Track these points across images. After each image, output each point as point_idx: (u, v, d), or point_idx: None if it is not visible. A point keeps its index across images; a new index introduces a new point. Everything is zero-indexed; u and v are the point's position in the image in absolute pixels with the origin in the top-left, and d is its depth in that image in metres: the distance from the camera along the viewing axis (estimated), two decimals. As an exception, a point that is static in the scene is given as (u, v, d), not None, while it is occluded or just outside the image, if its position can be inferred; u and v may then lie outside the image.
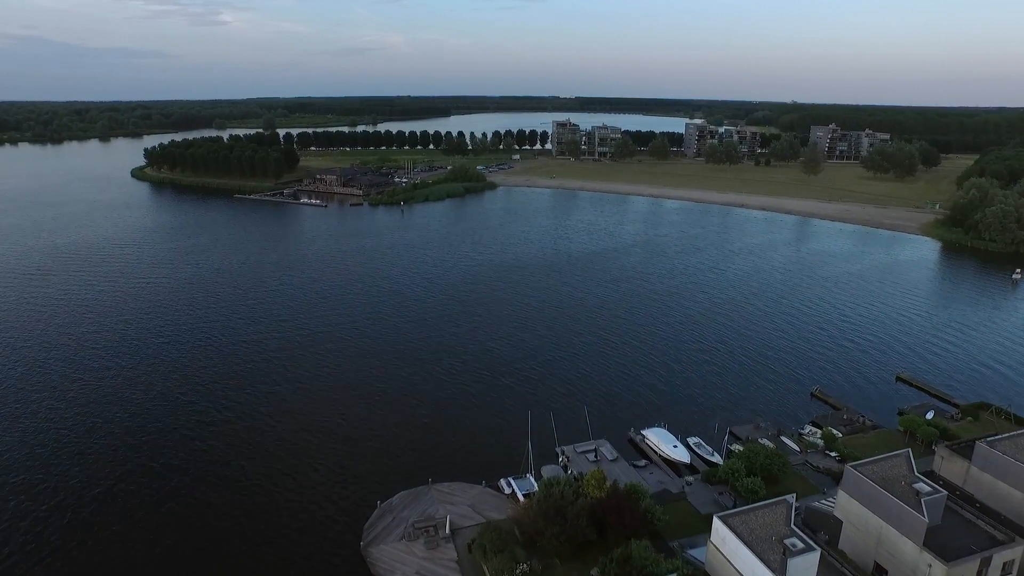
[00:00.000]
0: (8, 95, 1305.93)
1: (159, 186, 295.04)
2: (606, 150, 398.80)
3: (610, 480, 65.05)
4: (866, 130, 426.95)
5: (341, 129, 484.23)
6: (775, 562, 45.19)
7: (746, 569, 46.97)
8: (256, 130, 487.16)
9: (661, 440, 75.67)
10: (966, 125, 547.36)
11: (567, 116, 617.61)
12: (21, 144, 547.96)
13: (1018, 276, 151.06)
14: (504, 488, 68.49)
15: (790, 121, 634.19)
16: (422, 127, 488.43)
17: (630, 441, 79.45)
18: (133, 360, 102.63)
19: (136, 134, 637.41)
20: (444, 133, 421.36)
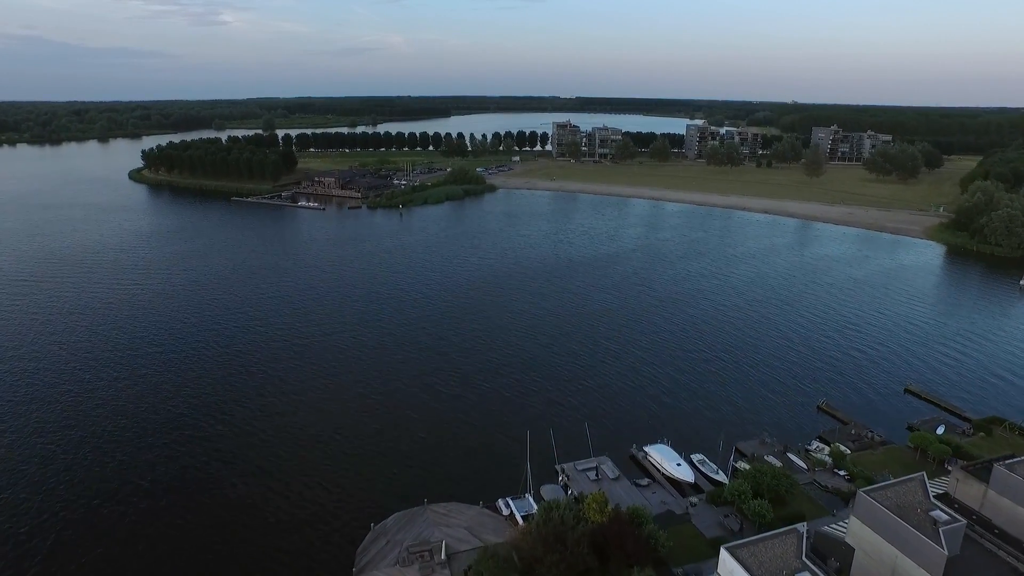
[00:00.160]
0: (8, 95, 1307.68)
1: (156, 188, 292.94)
2: (607, 151, 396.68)
3: (612, 502, 62.76)
4: (868, 131, 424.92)
5: (340, 130, 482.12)
6: (786, 598, 42.86)
7: (755, 604, 44.57)
8: (255, 131, 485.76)
9: (664, 458, 73.37)
10: (968, 126, 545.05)
11: (567, 117, 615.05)
12: (19, 145, 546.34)
13: None
14: (502, 509, 66.20)
15: (791, 122, 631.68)
16: (422, 128, 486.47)
17: (632, 458, 77.17)
18: (125, 371, 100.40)
19: (135, 135, 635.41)
20: (444, 134, 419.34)
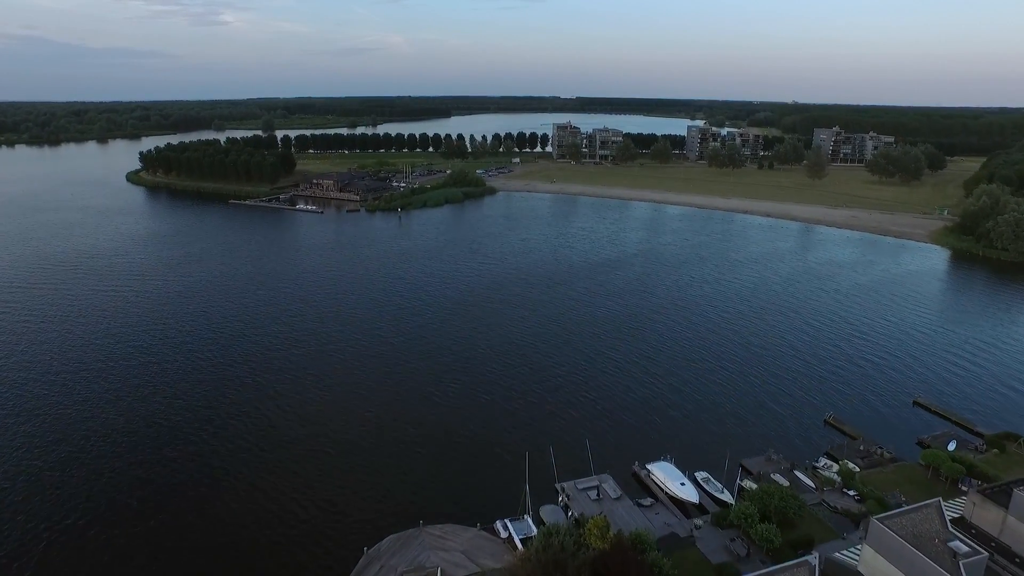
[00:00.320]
0: (9, 95, 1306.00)
1: (154, 190, 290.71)
2: (607, 153, 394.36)
3: (614, 525, 60.62)
4: (870, 133, 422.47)
5: (340, 131, 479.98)
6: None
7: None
8: (254, 132, 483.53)
9: (667, 476, 71.11)
10: (971, 127, 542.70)
11: (568, 118, 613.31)
12: (18, 146, 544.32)
13: None
14: (500, 531, 63.98)
15: (792, 122, 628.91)
16: (422, 128, 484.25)
17: (634, 475, 74.90)
18: (116, 381, 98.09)
19: (134, 135, 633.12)
20: (444, 136, 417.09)
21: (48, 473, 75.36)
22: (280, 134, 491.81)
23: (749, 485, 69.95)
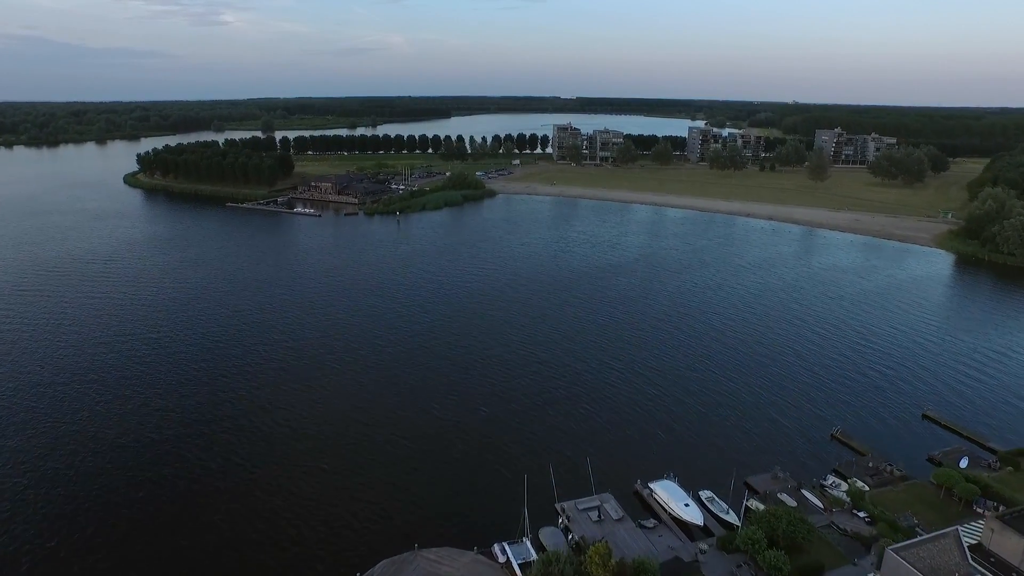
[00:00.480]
0: (9, 96, 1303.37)
1: (152, 193, 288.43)
2: (608, 155, 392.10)
3: (616, 549, 58.53)
4: (872, 134, 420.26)
5: (339, 133, 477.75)
6: None
7: None
8: (254, 133, 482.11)
9: (671, 496, 68.79)
10: (973, 128, 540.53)
11: (568, 119, 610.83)
12: (16, 147, 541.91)
13: None
14: (498, 555, 61.71)
15: (793, 123, 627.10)
16: (422, 129, 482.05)
17: (636, 494, 72.63)
18: (108, 393, 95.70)
19: (133, 136, 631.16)
20: (443, 137, 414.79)
21: (32, 491, 73.11)
22: (279, 135, 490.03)
23: (756, 506, 67.69)
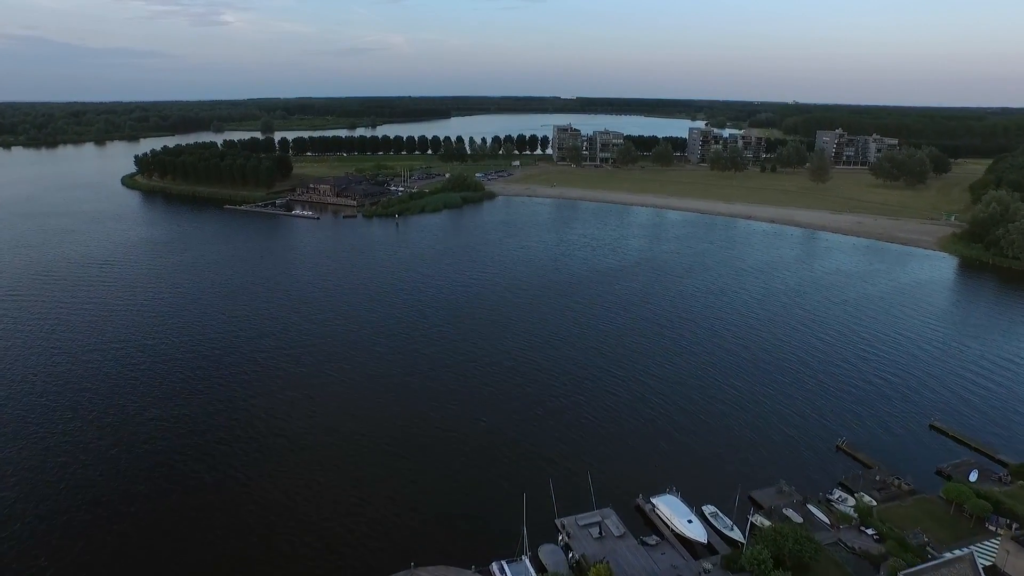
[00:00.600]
0: (9, 96, 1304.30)
1: (149, 195, 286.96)
2: (608, 156, 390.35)
3: (618, 570, 57.05)
4: (873, 135, 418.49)
5: (338, 134, 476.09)
6: None
7: None
8: (253, 133, 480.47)
9: (673, 512, 67.03)
10: (974, 129, 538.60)
11: (568, 119, 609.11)
12: (15, 148, 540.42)
13: None
14: (496, 574, 60.03)
15: (794, 124, 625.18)
16: (422, 130, 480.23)
17: (638, 509, 70.86)
18: (101, 402, 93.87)
19: (132, 137, 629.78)
20: (443, 138, 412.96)
21: (20, 505, 71.37)
22: (279, 136, 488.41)
23: (761, 522, 65.95)
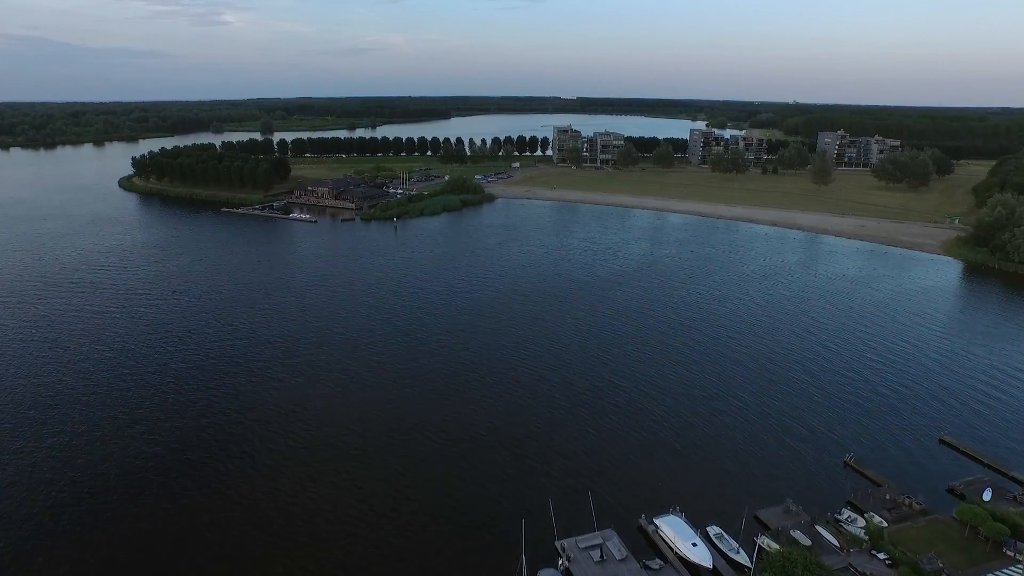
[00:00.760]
0: (8, 96, 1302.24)
1: (146, 197, 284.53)
2: (608, 157, 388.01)
3: (620, 598, 54.58)
4: (876, 136, 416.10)
5: (337, 135, 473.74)
6: None
7: None
8: (252, 134, 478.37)
9: (677, 534, 64.84)
10: (976, 130, 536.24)
11: (569, 119, 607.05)
12: (13, 149, 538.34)
13: None
14: (494, 602, 57.95)
15: (795, 124, 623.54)
16: (421, 131, 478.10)
17: (640, 530, 68.69)
18: (92, 414, 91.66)
19: (131, 138, 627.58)
20: (443, 140, 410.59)
21: (3, 524, 69.17)
22: (278, 136, 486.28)
23: (768, 544, 63.80)
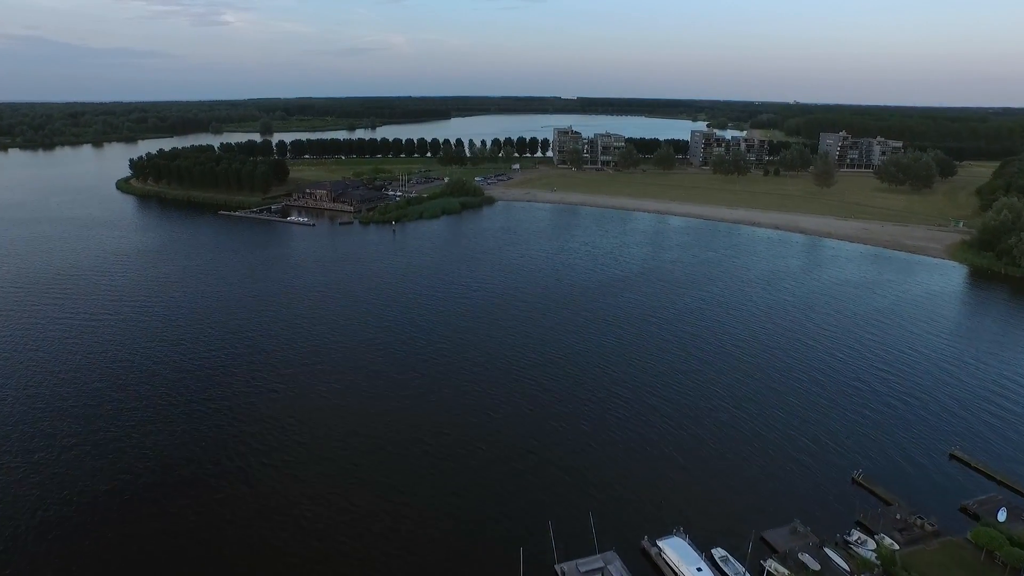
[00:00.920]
0: (8, 96, 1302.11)
1: (144, 200, 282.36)
2: (609, 159, 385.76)
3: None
4: (878, 138, 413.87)
5: (336, 137, 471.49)
6: None
7: None
8: (251, 135, 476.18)
9: (681, 558, 62.64)
10: (979, 131, 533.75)
11: (569, 119, 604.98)
12: (11, 150, 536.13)
13: None
14: (492, 631, 55.79)
15: (796, 125, 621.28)
16: (421, 132, 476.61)
17: (643, 552, 66.52)
18: (82, 427, 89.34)
19: (131, 138, 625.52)
20: (442, 141, 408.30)
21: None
22: (278, 137, 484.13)
23: (775, 568, 61.64)
